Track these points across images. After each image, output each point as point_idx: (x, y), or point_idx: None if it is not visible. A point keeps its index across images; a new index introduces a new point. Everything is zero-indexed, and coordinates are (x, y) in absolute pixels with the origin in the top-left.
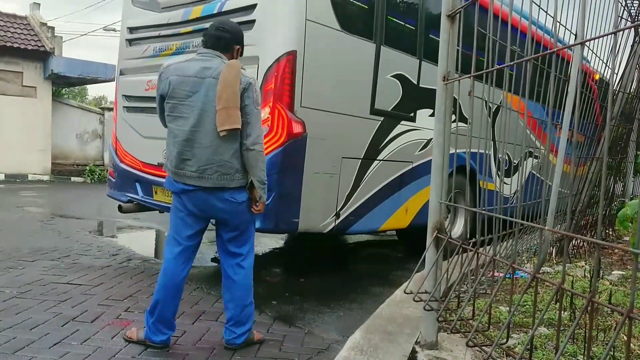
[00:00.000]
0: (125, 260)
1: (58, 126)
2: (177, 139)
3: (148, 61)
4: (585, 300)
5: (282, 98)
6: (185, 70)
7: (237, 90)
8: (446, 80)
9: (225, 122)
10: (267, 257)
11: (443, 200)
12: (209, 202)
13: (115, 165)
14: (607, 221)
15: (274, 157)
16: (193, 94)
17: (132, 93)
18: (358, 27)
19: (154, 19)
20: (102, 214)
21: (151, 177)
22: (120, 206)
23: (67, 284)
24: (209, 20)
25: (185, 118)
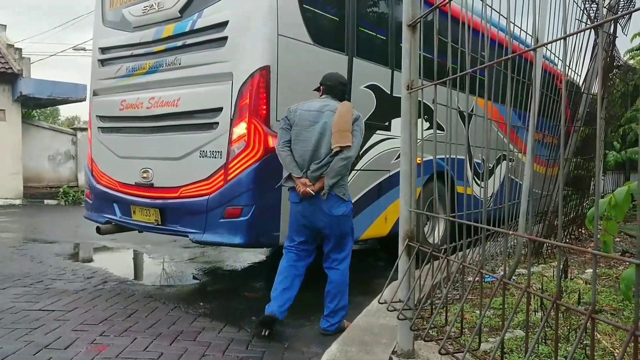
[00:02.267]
0: (101, 282)
1: (29, 148)
2: (302, 158)
3: (121, 81)
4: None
5: (257, 113)
6: (310, 107)
7: (349, 120)
8: (410, 89)
9: (340, 140)
10: (246, 272)
11: (413, 208)
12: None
13: (91, 187)
14: (579, 220)
15: (252, 171)
16: (315, 124)
17: (107, 113)
18: (330, 40)
19: (125, 39)
20: (77, 237)
21: (129, 197)
22: (99, 228)
23: (40, 310)
24: (181, 38)
25: (307, 140)
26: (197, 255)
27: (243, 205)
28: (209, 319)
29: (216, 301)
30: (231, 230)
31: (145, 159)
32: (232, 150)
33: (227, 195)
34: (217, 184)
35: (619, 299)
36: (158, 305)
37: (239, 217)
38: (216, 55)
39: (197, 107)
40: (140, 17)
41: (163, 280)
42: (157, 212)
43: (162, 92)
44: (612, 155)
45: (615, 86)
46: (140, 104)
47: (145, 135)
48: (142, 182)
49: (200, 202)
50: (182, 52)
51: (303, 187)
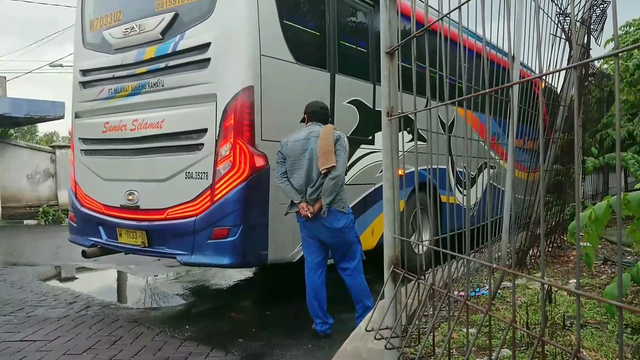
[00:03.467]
0: (84, 308)
1: (7, 168)
2: (299, 184)
3: (104, 103)
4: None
5: (242, 133)
6: (297, 137)
7: (331, 141)
8: (390, 116)
9: (325, 163)
10: (232, 291)
11: (397, 234)
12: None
13: (75, 210)
14: (560, 229)
15: (238, 191)
16: (304, 151)
17: (90, 135)
18: (311, 57)
19: (107, 61)
20: (58, 258)
21: (114, 220)
22: (84, 251)
23: (21, 341)
24: (164, 60)
25: (301, 168)
26: (181, 275)
27: (231, 226)
28: (195, 342)
29: (202, 323)
30: (219, 250)
31: (130, 181)
32: (218, 170)
33: (214, 216)
34: (203, 204)
35: (602, 311)
36: (143, 330)
37: (226, 237)
38: (199, 76)
39: (181, 129)
40: (121, 39)
41: (147, 303)
42: (144, 234)
43: (145, 114)
44: (590, 162)
45: (590, 92)
46: (124, 126)
47: (130, 157)
48: (127, 204)
49: (187, 223)
50: (164, 73)
51: (304, 211)
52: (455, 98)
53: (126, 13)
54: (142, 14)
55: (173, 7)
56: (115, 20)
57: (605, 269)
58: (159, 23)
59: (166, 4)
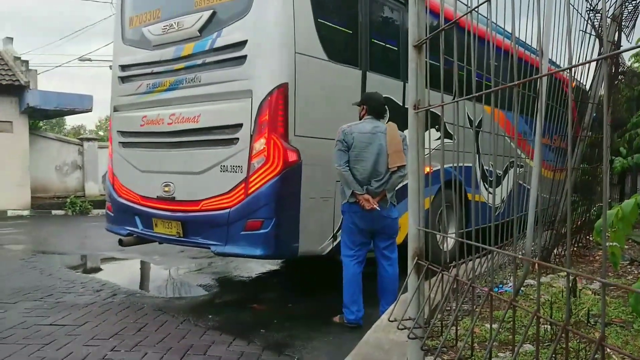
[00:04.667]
0: (110, 295)
1: (36, 159)
2: (363, 176)
3: (142, 97)
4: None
5: (276, 129)
6: (362, 129)
7: (400, 141)
8: (417, 109)
9: (397, 161)
10: (254, 283)
11: (421, 226)
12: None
13: (112, 200)
14: (586, 229)
15: (271, 185)
16: (369, 145)
17: (128, 129)
18: (344, 55)
19: (146, 57)
20: (85, 247)
21: (150, 210)
22: (121, 240)
23: (51, 325)
24: (201, 57)
25: (366, 160)
26: (204, 266)
27: (264, 218)
28: (219, 332)
29: (225, 313)
30: (252, 242)
31: (166, 173)
32: (253, 165)
33: (248, 208)
34: (238, 197)
35: (628, 311)
36: (167, 318)
37: (259, 229)
38: (235, 73)
39: (217, 123)
40: (160, 35)
41: (172, 292)
42: (179, 224)
43: (182, 108)
44: (618, 162)
45: (620, 91)
46: (161, 120)
47: (167, 150)
48: (163, 195)
49: (221, 215)
50: (201, 70)
51: (368, 205)
52: (483, 94)
53: (165, 10)
54: (181, 11)
55: (211, 5)
56: (154, 18)
57: (631, 270)
58: (197, 20)
59: (204, 2)
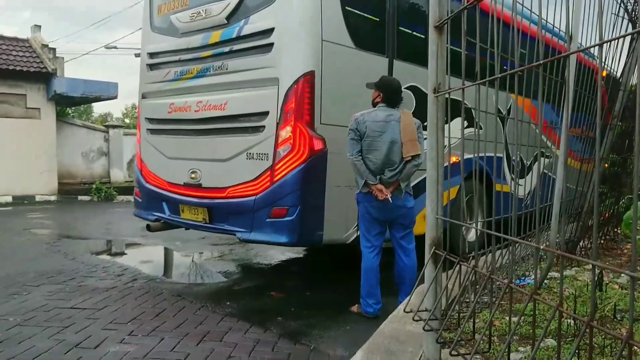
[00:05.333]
0: (131, 280)
1: (63, 145)
2: (376, 165)
3: (170, 85)
4: (586, 321)
5: (302, 117)
6: (375, 117)
7: (415, 129)
8: (436, 93)
9: (411, 150)
10: (274, 271)
11: (440, 215)
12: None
13: (141, 186)
14: (614, 221)
15: (297, 173)
16: (382, 133)
17: (156, 116)
18: (371, 43)
19: (173, 44)
20: (109, 233)
21: (178, 196)
22: (149, 225)
23: (72, 308)
24: (228, 44)
25: (379, 149)
26: (225, 253)
27: (289, 206)
28: (236, 319)
29: (243, 301)
30: (277, 229)
31: (193, 160)
32: (278, 152)
33: (274, 196)
34: (263, 185)
35: None
36: (186, 304)
37: (285, 217)
38: (262, 60)
39: (244, 111)
40: (188, 23)
41: (191, 278)
42: (205, 211)
43: (209, 96)
44: None
45: None
46: (189, 107)
47: (194, 137)
48: (190, 182)
49: (247, 202)
50: (228, 57)
51: (381, 195)
52: (507, 79)
53: None
54: None
55: None
56: (182, 5)
57: None
58: (224, 8)
59: None
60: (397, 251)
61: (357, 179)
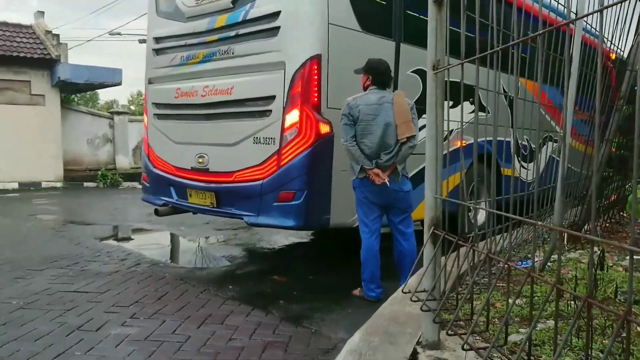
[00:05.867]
0: (134, 265)
1: (69, 132)
2: (371, 150)
3: (176, 69)
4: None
5: (309, 101)
6: (368, 101)
7: (408, 110)
8: (436, 69)
9: (406, 132)
10: (276, 256)
11: (438, 195)
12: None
13: (148, 171)
14: (620, 204)
15: (304, 157)
16: (376, 116)
17: (162, 101)
18: (377, 26)
19: (179, 29)
20: (114, 219)
21: (185, 181)
22: (157, 210)
23: (74, 292)
24: (234, 28)
25: (373, 133)
26: (228, 238)
27: (296, 190)
28: (238, 302)
29: (246, 284)
30: (284, 213)
31: (200, 144)
32: (285, 136)
33: (281, 180)
34: (270, 169)
35: None
36: (188, 288)
37: (292, 200)
38: (269, 44)
39: (250, 95)
40: (193, 7)
41: (195, 263)
42: (213, 195)
43: (216, 80)
44: None
45: None
46: (195, 92)
47: (201, 122)
48: (197, 166)
49: (254, 186)
50: (235, 41)
51: (378, 179)
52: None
53: None
54: None
55: None
56: None
57: None
58: None
59: None
60: (396, 236)
61: (353, 165)
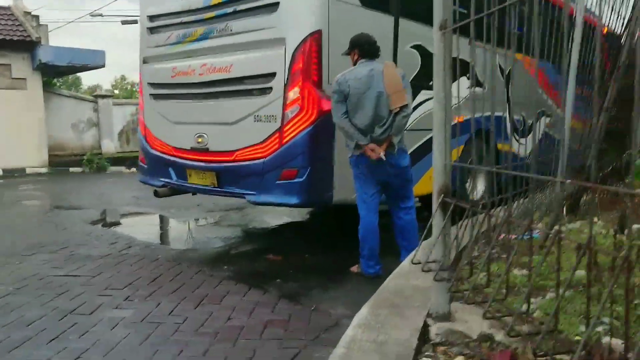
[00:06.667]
0: (125, 247)
1: (52, 117)
2: (365, 124)
3: (172, 48)
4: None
5: (311, 77)
6: (357, 75)
7: (399, 79)
8: (444, 29)
9: (398, 101)
10: (270, 235)
11: (448, 160)
12: None
13: (145, 152)
14: (617, 175)
15: (306, 134)
16: (367, 89)
17: (158, 80)
18: (376, 1)
19: (174, 6)
20: (102, 203)
21: (184, 161)
22: (156, 191)
23: (65, 276)
24: (232, 5)
25: (365, 107)
26: (220, 219)
27: (299, 167)
28: (233, 282)
29: (240, 264)
30: (287, 191)
31: (199, 124)
32: (287, 114)
33: (283, 157)
34: (272, 147)
35: None
36: (182, 269)
37: (295, 178)
38: (268, 21)
39: (250, 73)
40: None
41: (187, 244)
42: (213, 175)
43: (213, 58)
44: None
45: None
46: (192, 71)
47: (199, 101)
48: (197, 146)
49: (256, 164)
50: (232, 18)
51: (375, 155)
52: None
53: None
54: None
55: None
56: None
57: None
58: None
59: None
60: (395, 212)
61: (348, 142)
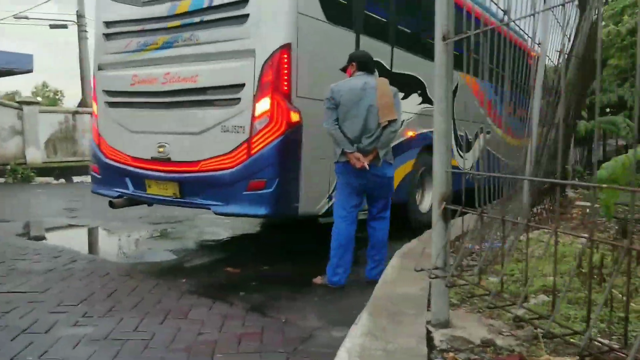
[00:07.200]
0: (69, 262)
1: None
2: (354, 134)
3: (131, 56)
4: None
5: (280, 89)
6: (352, 86)
7: (391, 95)
8: (446, 40)
9: (388, 115)
10: (222, 248)
11: (449, 168)
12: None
13: (99, 161)
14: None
15: (275, 146)
16: (360, 100)
17: (116, 88)
18: (340, 18)
19: (135, 13)
20: (30, 215)
21: (143, 171)
22: (111, 202)
23: (8, 292)
24: (198, 15)
25: (356, 117)
26: (168, 232)
27: (267, 179)
28: (196, 295)
29: (198, 277)
30: (255, 202)
31: (161, 133)
32: (255, 125)
33: (251, 168)
34: (240, 158)
35: None
36: (137, 283)
37: (263, 189)
38: (237, 32)
39: (217, 83)
40: None
41: (136, 258)
42: (176, 185)
43: (178, 67)
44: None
45: None
46: (154, 79)
47: (161, 110)
48: (158, 156)
49: (222, 175)
50: (199, 28)
51: (359, 163)
52: None
53: None
54: None
55: None
56: None
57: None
58: None
59: None
60: (371, 223)
61: (335, 149)
